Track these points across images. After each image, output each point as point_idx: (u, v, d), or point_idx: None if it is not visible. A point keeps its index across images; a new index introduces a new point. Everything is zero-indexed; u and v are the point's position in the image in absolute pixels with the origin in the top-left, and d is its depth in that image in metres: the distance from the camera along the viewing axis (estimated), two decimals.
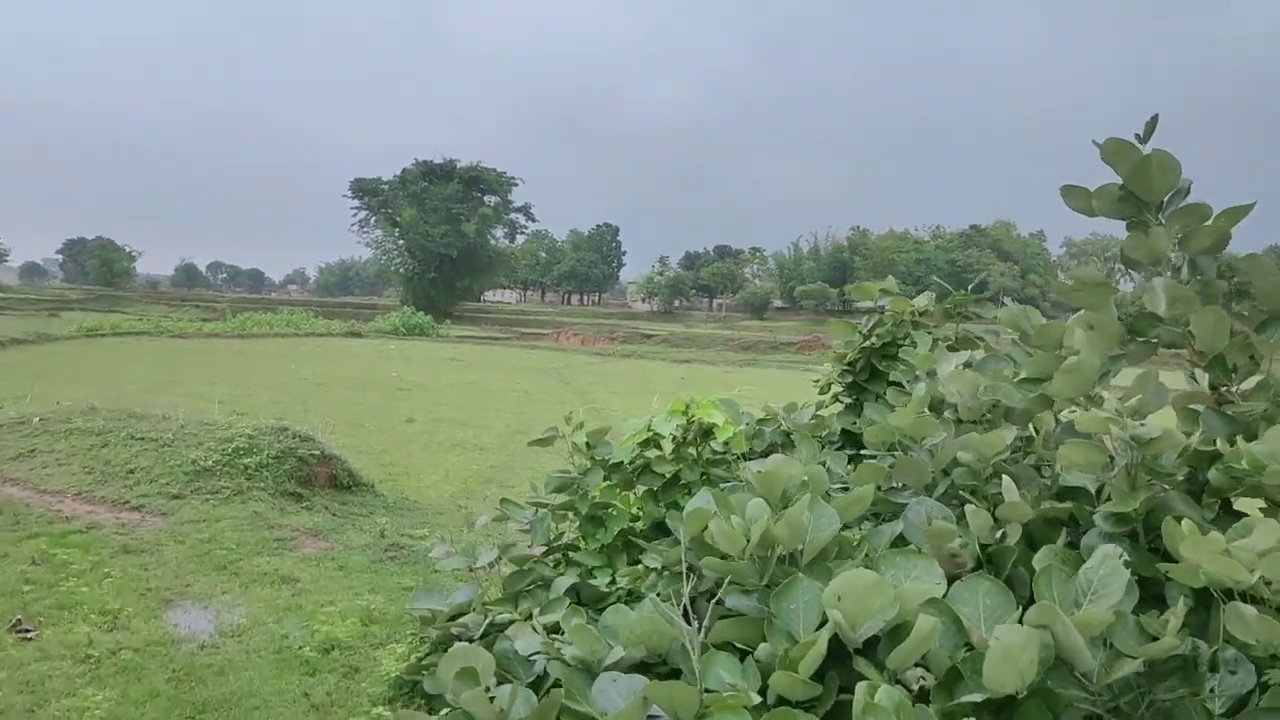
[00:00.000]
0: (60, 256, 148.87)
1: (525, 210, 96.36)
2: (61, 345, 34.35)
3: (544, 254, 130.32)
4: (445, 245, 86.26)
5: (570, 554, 5.67)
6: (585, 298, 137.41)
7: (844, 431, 5.60)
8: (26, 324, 42.34)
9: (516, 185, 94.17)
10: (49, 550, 7.68)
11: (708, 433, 5.69)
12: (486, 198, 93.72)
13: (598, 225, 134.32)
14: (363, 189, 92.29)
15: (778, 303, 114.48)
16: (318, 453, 10.42)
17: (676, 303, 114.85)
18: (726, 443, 5.65)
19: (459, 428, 18.25)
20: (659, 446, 5.74)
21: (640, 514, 5.72)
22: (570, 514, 5.72)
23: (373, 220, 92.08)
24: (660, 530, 5.63)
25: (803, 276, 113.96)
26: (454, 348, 46.65)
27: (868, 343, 5.91)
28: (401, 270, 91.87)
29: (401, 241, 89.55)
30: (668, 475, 5.58)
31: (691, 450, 5.62)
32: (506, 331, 70.20)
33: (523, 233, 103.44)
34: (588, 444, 5.78)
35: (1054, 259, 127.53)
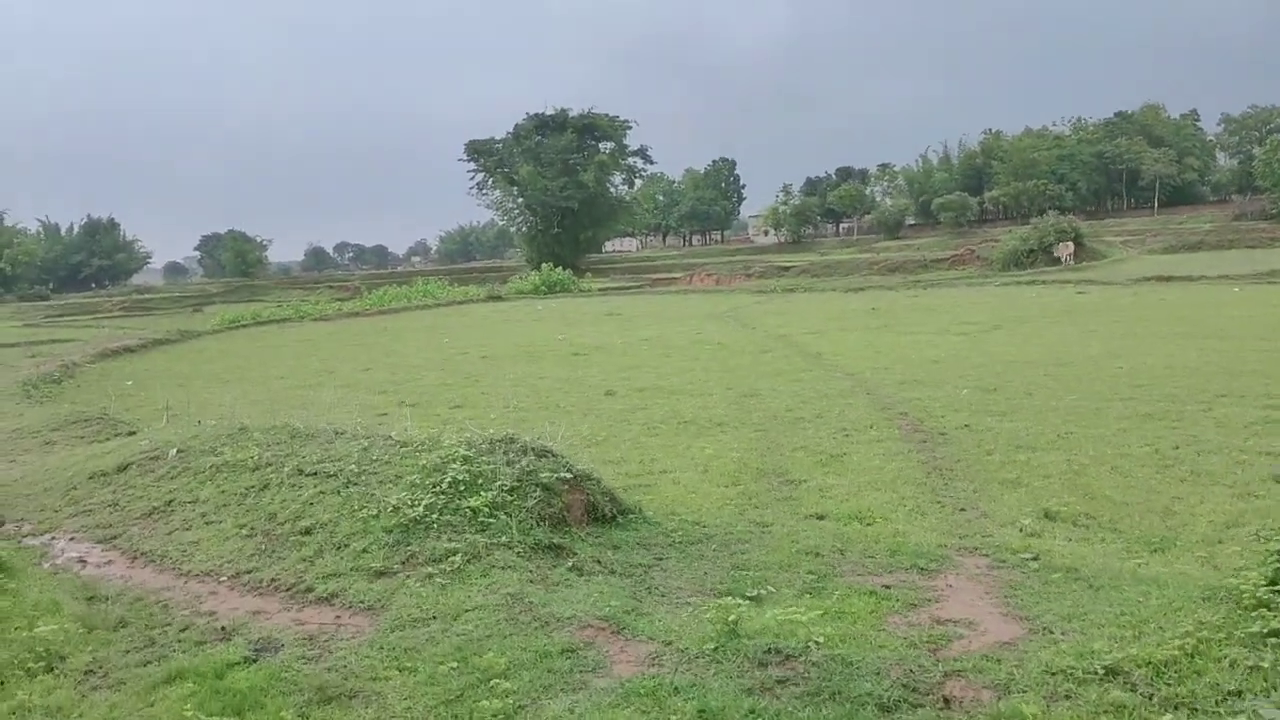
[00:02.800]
0: (198, 254, 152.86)
1: (642, 153, 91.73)
2: (206, 341, 32.70)
3: (661, 197, 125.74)
4: (565, 198, 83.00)
5: None
6: (707, 236, 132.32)
7: None
8: (172, 322, 41.37)
9: (631, 128, 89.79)
10: (197, 716, 4.41)
11: None
12: (601, 144, 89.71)
13: (714, 161, 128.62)
14: (477, 150, 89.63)
15: (910, 220, 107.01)
16: (568, 475, 6.92)
17: (804, 231, 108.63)
18: None
19: (673, 398, 14.68)
20: None
21: None
22: None
23: (490, 181, 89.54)
24: None
25: (935, 189, 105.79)
26: (604, 302, 43.34)
27: None
28: (524, 228, 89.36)
29: (521, 199, 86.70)
30: None
31: None
32: (637, 279, 66.81)
33: (641, 176, 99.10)
34: None
35: (1210, 138, 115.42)
